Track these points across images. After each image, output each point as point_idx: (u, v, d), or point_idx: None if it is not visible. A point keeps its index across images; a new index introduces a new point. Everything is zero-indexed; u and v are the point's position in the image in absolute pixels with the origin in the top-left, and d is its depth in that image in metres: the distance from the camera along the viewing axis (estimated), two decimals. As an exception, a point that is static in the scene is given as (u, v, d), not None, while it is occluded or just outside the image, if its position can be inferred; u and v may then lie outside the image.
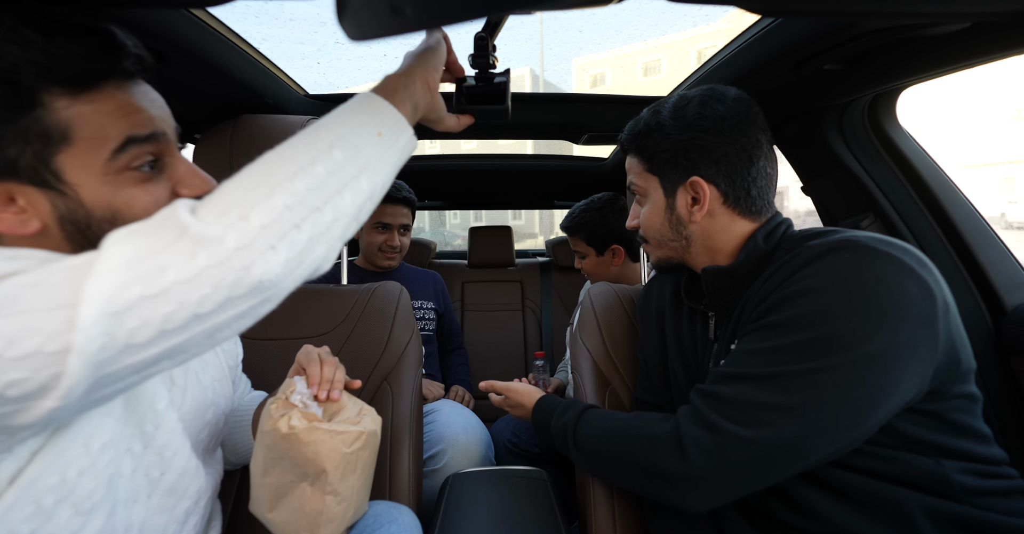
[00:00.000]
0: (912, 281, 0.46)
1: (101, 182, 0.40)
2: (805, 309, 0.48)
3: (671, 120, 0.61)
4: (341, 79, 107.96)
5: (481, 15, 0.32)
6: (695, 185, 0.60)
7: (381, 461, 0.79)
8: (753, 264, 0.58)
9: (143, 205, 0.42)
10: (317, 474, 0.54)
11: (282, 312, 0.90)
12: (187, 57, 0.73)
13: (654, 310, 0.77)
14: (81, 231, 0.41)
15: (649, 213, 0.66)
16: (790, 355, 0.48)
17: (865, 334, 0.45)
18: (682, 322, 0.70)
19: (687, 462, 0.51)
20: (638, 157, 0.66)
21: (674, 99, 0.63)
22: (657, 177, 0.64)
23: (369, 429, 0.59)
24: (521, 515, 0.76)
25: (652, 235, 0.67)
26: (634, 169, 0.67)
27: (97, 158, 0.40)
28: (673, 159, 0.61)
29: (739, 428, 0.49)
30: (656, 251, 0.68)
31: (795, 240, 0.57)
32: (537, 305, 1.94)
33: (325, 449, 0.54)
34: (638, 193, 0.67)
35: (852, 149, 0.94)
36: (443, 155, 1.80)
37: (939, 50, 0.65)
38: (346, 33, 0.37)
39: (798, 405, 0.47)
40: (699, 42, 21.61)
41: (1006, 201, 15.17)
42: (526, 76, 25.77)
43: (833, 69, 0.75)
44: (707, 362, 0.64)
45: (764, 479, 0.50)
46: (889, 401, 0.46)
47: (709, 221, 0.62)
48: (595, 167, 1.82)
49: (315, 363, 0.62)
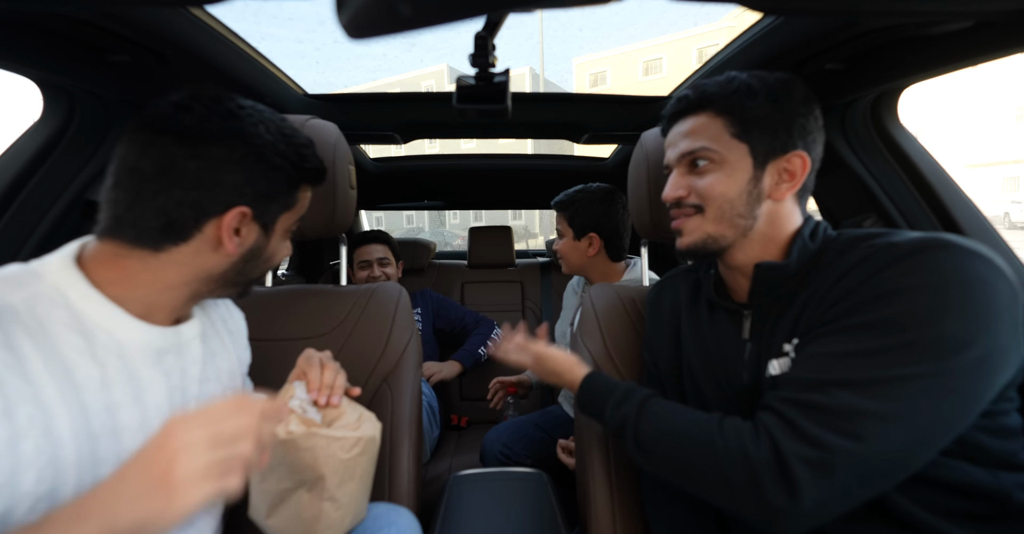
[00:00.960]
0: (1004, 281, 0.45)
1: (282, 235, 0.59)
2: (906, 308, 0.45)
3: (782, 91, 0.57)
4: (340, 78, 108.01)
5: (480, 13, 0.31)
6: (795, 160, 0.57)
7: (380, 462, 0.79)
8: (803, 262, 0.57)
9: (282, 254, 0.61)
10: (315, 480, 0.54)
11: (281, 313, 0.91)
12: (186, 56, 0.73)
13: (667, 310, 0.75)
14: (247, 260, 0.55)
15: (727, 181, 0.58)
16: (894, 358, 0.45)
17: (972, 336, 0.43)
18: (701, 321, 0.68)
19: (795, 491, 0.45)
20: (726, 117, 0.58)
21: (769, 75, 0.60)
22: (747, 145, 0.58)
23: (368, 435, 0.58)
24: (521, 517, 0.76)
25: (720, 205, 0.59)
26: (710, 131, 0.59)
27: (290, 221, 0.59)
28: (773, 130, 0.57)
29: (849, 441, 0.44)
30: (710, 226, 0.60)
31: (845, 240, 0.55)
32: (537, 305, 1.94)
33: (323, 455, 0.53)
34: (708, 160, 0.59)
35: (854, 148, 0.93)
36: (443, 155, 1.80)
37: (941, 49, 0.64)
38: (345, 32, 0.36)
39: (909, 413, 0.44)
40: (700, 41, 21.60)
41: (1009, 201, 15.13)
42: (526, 75, 25.76)
43: (835, 68, 0.75)
44: (738, 362, 0.61)
45: (862, 496, 0.46)
46: (984, 406, 0.45)
47: (780, 205, 0.59)
48: (595, 167, 1.81)
49: (316, 368, 0.62)
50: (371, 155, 1.82)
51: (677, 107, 0.63)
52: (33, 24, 0.60)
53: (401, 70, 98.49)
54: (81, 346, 0.45)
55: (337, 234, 0.88)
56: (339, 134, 0.86)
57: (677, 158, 0.62)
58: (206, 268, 0.52)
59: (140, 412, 0.49)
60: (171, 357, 0.53)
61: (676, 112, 0.63)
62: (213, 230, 0.51)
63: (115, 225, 0.48)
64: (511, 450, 1.20)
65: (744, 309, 0.62)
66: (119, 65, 0.74)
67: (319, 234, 0.85)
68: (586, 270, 1.27)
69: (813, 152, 0.58)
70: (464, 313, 1.74)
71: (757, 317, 0.60)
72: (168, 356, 0.52)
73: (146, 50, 0.69)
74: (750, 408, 0.60)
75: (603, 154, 1.85)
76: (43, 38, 0.64)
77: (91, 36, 0.63)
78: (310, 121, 0.84)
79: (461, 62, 4.25)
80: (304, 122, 0.83)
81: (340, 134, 0.86)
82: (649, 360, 0.77)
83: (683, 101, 0.62)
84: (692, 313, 0.70)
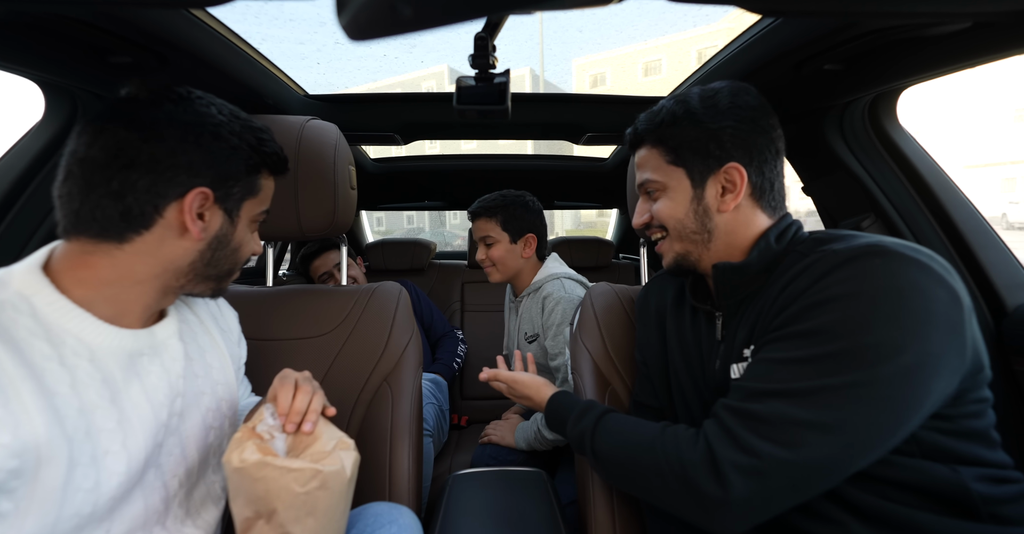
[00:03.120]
0: (942, 288, 0.45)
1: (247, 224, 0.58)
2: (838, 316, 0.46)
3: (703, 109, 0.60)
4: (341, 79, 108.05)
5: (481, 15, 0.32)
6: (732, 173, 0.59)
7: (381, 461, 0.79)
8: (764, 263, 0.58)
9: (250, 246, 0.60)
10: (270, 513, 0.50)
11: (282, 313, 0.91)
12: (187, 57, 0.73)
13: (654, 311, 0.76)
14: (214, 249, 0.54)
15: (672, 204, 0.63)
16: (827, 367, 0.46)
17: (903, 344, 0.44)
18: (684, 322, 0.70)
19: (726, 489, 0.47)
20: (659, 148, 0.63)
21: (697, 91, 0.62)
22: (683, 168, 0.61)
23: (330, 468, 0.52)
24: (521, 517, 0.76)
25: (673, 226, 0.63)
26: (651, 163, 0.64)
27: (256, 210, 0.59)
28: (704, 148, 0.60)
29: (781, 450, 0.46)
30: (676, 245, 0.65)
31: (809, 243, 0.56)
32: (537, 305, 1.94)
33: (275, 487, 0.49)
34: (655, 189, 0.65)
35: (853, 149, 0.93)
36: (443, 155, 1.80)
37: (939, 50, 0.65)
38: (346, 33, 0.37)
39: (841, 422, 0.45)
40: (699, 42, 21.61)
41: (1007, 201, 15.14)
42: (526, 76, 25.76)
43: (833, 69, 0.75)
44: (713, 363, 0.63)
45: (799, 499, 0.48)
46: (923, 411, 0.45)
47: (734, 214, 0.61)
48: (595, 167, 1.82)
49: (287, 390, 0.57)
50: (372, 155, 1.82)
51: (628, 142, 0.69)
52: (35, 26, 0.60)
53: (402, 71, 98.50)
54: (47, 352, 0.45)
55: (338, 234, 0.89)
56: (339, 134, 0.86)
57: (637, 187, 0.68)
58: (173, 259, 0.51)
59: (117, 413, 0.48)
60: (145, 359, 0.52)
61: (629, 146, 0.70)
62: (175, 215, 0.50)
63: (76, 221, 0.47)
64: (496, 461, 1.20)
65: (716, 311, 0.64)
66: (121, 66, 0.74)
67: (320, 234, 0.85)
68: (519, 274, 1.27)
69: (755, 155, 0.59)
70: (435, 319, 1.75)
71: (726, 318, 0.62)
72: (142, 358, 0.52)
73: (148, 51, 0.70)
74: None
75: (603, 154, 1.85)
76: (45, 40, 0.64)
77: (93, 37, 0.63)
78: (311, 121, 0.84)
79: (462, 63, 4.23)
80: (305, 123, 0.84)
81: (340, 134, 0.87)
82: (640, 361, 0.78)
83: (627, 138, 0.69)
84: (676, 314, 0.72)
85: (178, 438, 0.55)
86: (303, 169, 0.80)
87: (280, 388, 0.57)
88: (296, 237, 0.84)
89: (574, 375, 0.87)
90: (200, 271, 0.54)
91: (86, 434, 0.45)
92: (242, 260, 0.60)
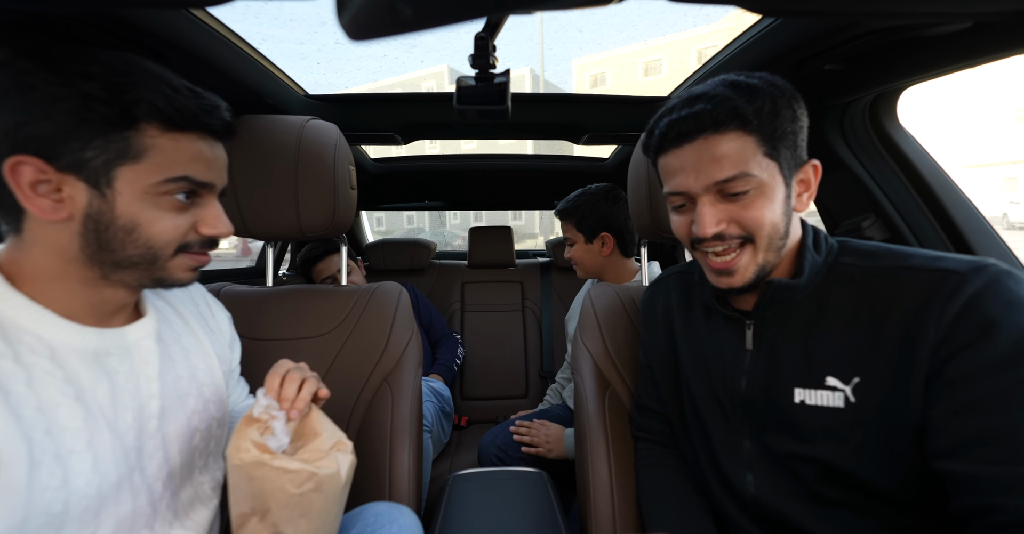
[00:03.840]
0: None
1: (139, 197, 0.47)
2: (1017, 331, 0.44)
3: (796, 100, 0.54)
4: (341, 79, 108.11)
5: (481, 15, 0.31)
6: (809, 170, 0.56)
7: (381, 461, 0.79)
8: (812, 277, 0.56)
9: (163, 227, 0.48)
10: (264, 511, 0.51)
11: (281, 312, 0.91)
12: (187, 57, 0.73)
13: (661, 313, 0.74)
14: (97, 231, 0.46)
15: (771, 206, 0.53)
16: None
17: None
18: (697, 326, 0.67)
19: None
20: (756, 136, 0.52)
21: (771, 77, 0.55)
22: (777, 163, 0.53)
23: (326, 471, 0.52)
24: (521, 517, 0.76)
25: (769, 233, 0.54)
26: (743, 153, 0.52)
27: (150, 179, 0.46)
28: (794, 143, 0.54)
29: None
30: (760, 256, 0.55)
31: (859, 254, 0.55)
32: (537, 305, 1.94)
33: (270, 487, 0.50)
34: (748, 188, 0.52)
35: (853, 149, 0.93)
36: (443, 155, 1.80)
37: (940, 50, 0.64)
38: (346, 33, 0.36)
39: None
40: (699, 42, 21.61)
41: (1008, 201, 15.14)
42: (526, 76, 25.77)
43: (834, 69, 0.75)
44: (737, 371, 0.61)
45: None
46: None
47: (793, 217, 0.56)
48: (595, 167, 1.82)
49: (274, 377, 0.56)
50: (372, 155, 1.82)
51: (691, 126, 0.53)
52: (34, 25, 0.60)
53: (402, 71, 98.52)
54: (2, 349, 0.43)
55: (338, 234, 0.89)
56: (339, 134, 0.86)
57: (705, 187, 0.54)
58: (59, 246, 0.46)
59: (83, 411, 0.47)
60: (114, 359, 0.51)
61: (690, 131, 0.53)
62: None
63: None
64: (506, 454, 1.20)
65: (746, 318, 0.61)
66: None
67: (320, 234, 0.85)
68: (602, 271, 1.28)
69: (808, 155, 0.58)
70: (434, 320, 1.76)
71: (760, 327, 0.59)
72: (110, 358, 0.50)
73: (147, 51, 0.70)
74: (745, 417, 0.60)
75: (603, 154, 1.85)
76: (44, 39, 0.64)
77: (92, 37, 0.63)
78: (311, 121, 0.84)
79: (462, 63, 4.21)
80: (305, 123, 0.84)
81: (340, 134, 0.87)
82: (644, 363, 0.77)
83: (702, 118, 0.52)
84: (686, 316, 0.70)
85: (160, 441, 0.54)
86: (303, 169, 0.80)
87: (269, 376, 0.56)
88: (296, 237, 0.84)
89: (575, 375, 0.87)
90: (101, 258, 0.47)
91: (46, 432, 0.44)
92: (155, 242, 0.48)
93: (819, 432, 0.53)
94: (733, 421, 0.61)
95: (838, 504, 0.53)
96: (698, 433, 0.66)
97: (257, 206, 0.81)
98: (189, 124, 0.48)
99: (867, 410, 0.51)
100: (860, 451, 0.51)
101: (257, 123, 0.83)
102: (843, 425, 0.52)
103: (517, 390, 1.82)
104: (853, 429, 0.51)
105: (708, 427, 0.64)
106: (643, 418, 0.77)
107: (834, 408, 0.52)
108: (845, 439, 0.52)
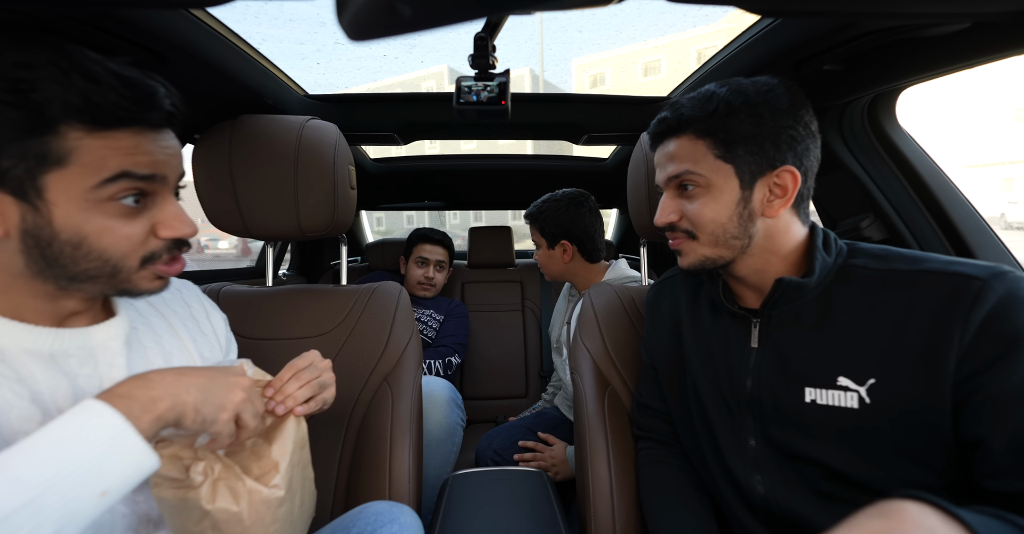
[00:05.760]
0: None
1: (78, 207, 0.42)
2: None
3: (763, 103, 0.54)
4: (341, 79, 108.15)
5: (481, 15, 0.32)
6: (785, 176, 0.55)
7: (381, 461, 0.79)
8: (822, 278, 0.56)
9: (115, 238, 0.44)
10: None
11: (281, 312, 0.91)
12: (187, 57, 0.73)
13: (667, 311, 0.74)
14: (40, 248, 0.42)
15: (714, 206, 0.57)
16: None
17: None
18: (704, 324, 0.67)
19: None
20: (707, 139, 0.56)
21: (749, 82, 0.57)
22: (732, 165, 0.56)
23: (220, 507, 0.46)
24: (521, 517, 0.76)
25: (712, 230, 0.58)
26: (693, 154, 0.57)
27: (84, 184, 0.41)
28: (760, 147, 0.55)
29: None
30: (706, 249, 0.60)
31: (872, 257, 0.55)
32: (537, 305, 1.94)
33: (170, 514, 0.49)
34: (694, 185, 0.58)
35: (852, 149, 0.94)
36: (443, 155, 1.80)
37: (939, 50, 0.65)
38: (346, 33, 0.37)
39: None
40: (699, 42, 21.63)
41: (1006, 201, 15.18)
42: (526, 76, 25.77)
43: (833, 69, 0.75)
44: (742, 369, 0.61)
45: None
46: None
47: (776, 220, 0.57)
48: (595, 167, 1.82)
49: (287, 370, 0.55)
50: (372, 155, 1.82)
51: (658, 128, 0.61)
52: (33, 25, 0.60)
53: (402, 71, 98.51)
54: None
55: (338, 234, 0.89)
56: (339, 134, 0.86)
57: (665, 181, 0.61)
58: (5, 264, 0.43)
59: (40, 412, 0.45)
60: (74, 360, 0.48)
61: (658, 133, 0.61)
62: None
63: None
64: (502, 457, 1.20)
65: (753, 316, 0.61)
66: None
67: (320, 234, 0.85)
68: (567, 276, 1.28)
69: (806, 160, 0.56)
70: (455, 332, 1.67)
71: (766, 325, 0.60)
72: (70, 359, 0.48)
73: (147, 51, 0.70)
74: (750, 415, 0.60)
75: (602, 154, 1.85)
76: None
77: (92, 37, 0.63)
78: (310, 121, 0.85)
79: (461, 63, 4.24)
80: (304, 122, 0.84)
81: (340, 134, 0.87)
82: (647, 362, 0.77)
83: (663, 123, 0.60)
84: (694, 315, 0.70)
85: None
86: (303, 169, 0.80)
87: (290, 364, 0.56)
88: (296, 237, 0.84)
89: (574, 375, 0.87)
90: (52, 274, 0.44)
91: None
92: (110, 255, 0.45)
93: (830, 432, 0.53)
94: (738, 419, 0.61)
95: (846, 501, 0.54)
96: (704, 431, 0.66)
97: (257, 206, 0.81)
98: (117, 121, 0.41)
99: (883, 412, 0.50)
100: (871, 451, 0.51)
101: (257, 123, 0.83)
102: (856, 426, 0.52)
103: (517, 390, 1.82)
104: (867, 430, 0.51)
105: (713, 425, 0.64)
106: (644, 417, 0.77)
107: (848, 408, 0.52)
108: (857, 439, 0.52)
